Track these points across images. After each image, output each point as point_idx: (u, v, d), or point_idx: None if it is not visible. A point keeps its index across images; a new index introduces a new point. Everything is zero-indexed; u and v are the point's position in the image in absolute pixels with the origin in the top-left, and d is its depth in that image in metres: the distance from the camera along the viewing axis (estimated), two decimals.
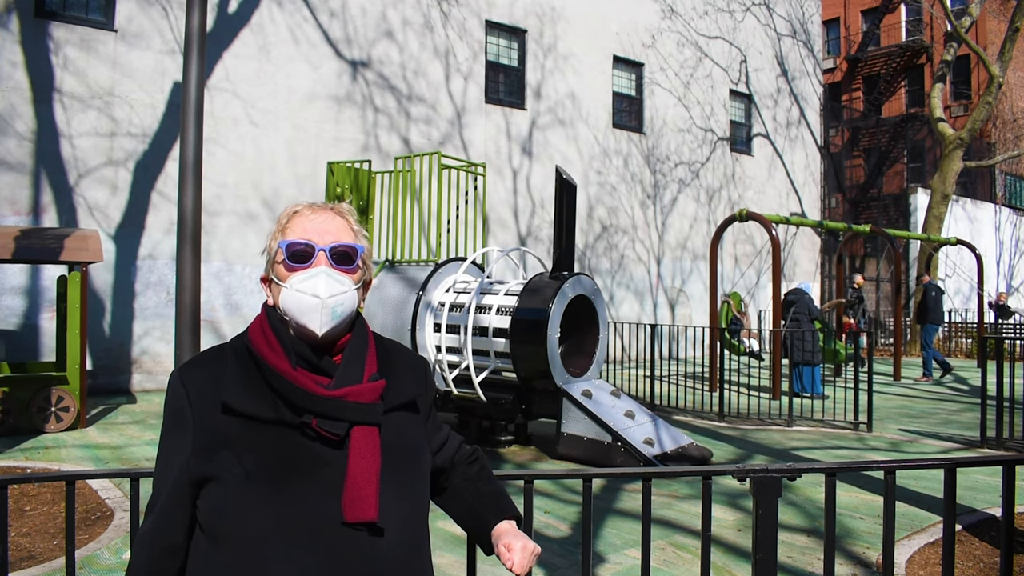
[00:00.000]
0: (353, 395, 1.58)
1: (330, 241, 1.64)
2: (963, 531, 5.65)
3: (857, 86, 36.04)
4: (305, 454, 1.54)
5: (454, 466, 1.94)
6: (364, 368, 1.65)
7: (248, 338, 1.64)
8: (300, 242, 1.62)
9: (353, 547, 1.53)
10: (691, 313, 21.43)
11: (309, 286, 1.59)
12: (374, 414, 1.59)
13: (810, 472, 2.76)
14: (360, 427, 1.57)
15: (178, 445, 1.58)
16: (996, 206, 29.48)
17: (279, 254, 1.64)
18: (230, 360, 1.62)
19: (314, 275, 1.60)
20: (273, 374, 1.56)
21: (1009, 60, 21.90)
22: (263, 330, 1.63)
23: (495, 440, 8.69)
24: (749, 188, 23.73)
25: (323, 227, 1.65)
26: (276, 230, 1.68)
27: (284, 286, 1.61)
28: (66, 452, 8.03)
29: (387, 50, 15.72)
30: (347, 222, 1.70)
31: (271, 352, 1.59)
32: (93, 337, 11.88)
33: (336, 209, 1.71)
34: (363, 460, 1.55)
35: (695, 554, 5.12)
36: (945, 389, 14.43)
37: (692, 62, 22.02)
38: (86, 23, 12.28)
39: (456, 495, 1.93)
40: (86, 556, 4.94)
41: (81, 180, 12.16)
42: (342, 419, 1.55)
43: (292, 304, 1.60)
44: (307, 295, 1.59)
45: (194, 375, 1.62)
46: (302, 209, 1.69)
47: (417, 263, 9.67)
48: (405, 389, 1.73)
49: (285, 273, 1.63)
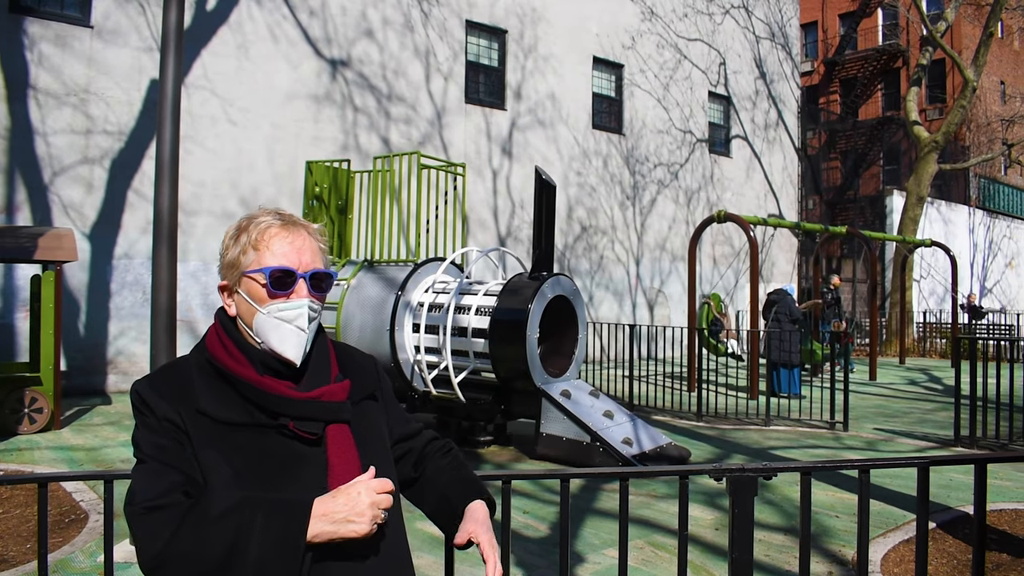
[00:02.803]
0: (327, 395, 1.64)
1: (309, 268, 1.67)
2: (937, 529, 5.70)
3: (834, 89, 36.32)
4: (286, 453, 1.58)
5: (426, 458, 1.97)
6: (330, 371, 1.72)
7: (208, 352, 1.65)
8: (282, 268, 1.63)
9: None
10: (670, 314, 21.51)
11: (291, 315, 1.63)
12: (345, 412, 1.66)
13: (786, 471, 2.78)
14: (333, 425, 1.64)
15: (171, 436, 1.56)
16: (970, 208, 29.81)
17: (259, 277, 1.63)
18: (195, 374, 1.63)
19: (298, 307, 1.63)
20: (243, 384, 1.59)
21: (983, 65, 22.16)
22: (223, 342, 1.65)
23: (474, 440, 8.68)
24: (727, 189, 23.86)
25: (300, 250, 1.67)
26: (246, 242, 1.66)
27: (261, 310, 1.63)
28: (40, 454, 7.95)
29: (367, 49, 15.67)
30: (317, 243, 1.73)
31: (236, 363, 1.62)
32: (67, 337, 11.75)
33: (307, 228, 1.73)
34: (342, 455, 1.62)
35: (673, 553, 5.14)
36: (920, 389, 14.57)
37: (672, 64, 22.11)
38: (62, 19, 12.15)
39: (427, 484, 1.95)
40: (60, 559, 4.89)
41: (56, 178, 12.03)
42: (318, 419, 1.61)
43: (271, 331, 1.63)
44: (290, 325, 1.62)
45: (161, 384, 1.62)
46: (275, 227, 1.67)
47: (396, 263, 9.64)
48: (364, 385, 1.80)
49: (266, 298, 1.63)
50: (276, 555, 1.43)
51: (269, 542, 1.44)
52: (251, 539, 1.43)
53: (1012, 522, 5.88)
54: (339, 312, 9.18)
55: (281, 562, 1.43)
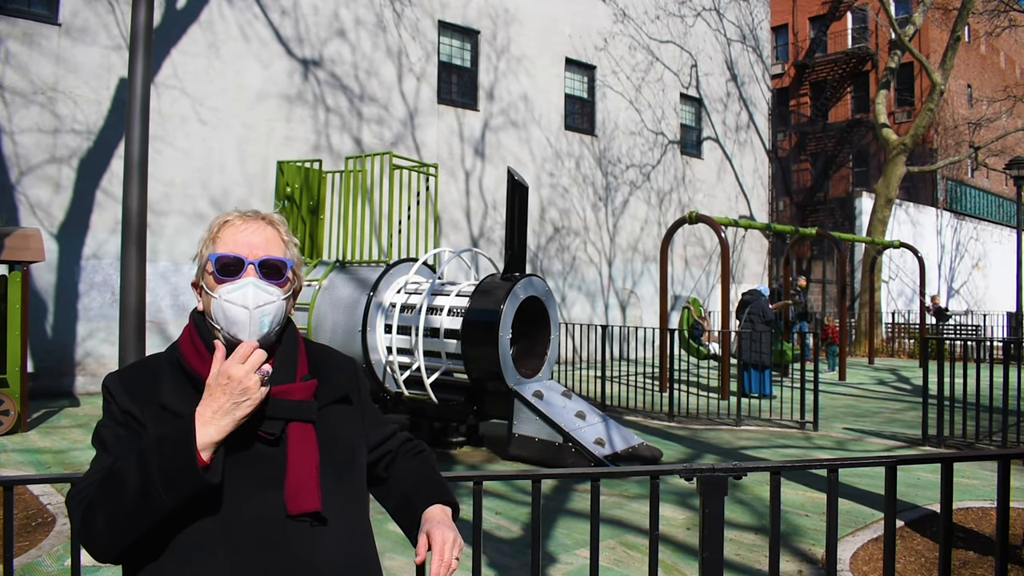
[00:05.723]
0: (286, 393, 1.62)
1: (260, 255, 1.66)
2: (905, 527, 5.77)
3: (804, 92, 36.67)
4: (244, 452, 1.57)
5: (396, 458, 1.96)
6: (296, 369, 1.70)
7: (179, 350, 1.68)
8: (229, 255, 1.65)
9: (298, 539, 1.57)
10: (642, 314, 21.61)
11: (238, 296, 1.62)
12: (308, 411, 1.64)
13: (755, 471, 2.80)
14: (296, 424, 1.62)
15: (129, 427, 1.60)
16: (938, 210, 30.21)
17: (208, 265, 1.65)
18: (164, 371, 1.66)
19: (242, 286, 1.62)
20: (202, 382, 1.58)
21: (950, 68, 22.49)
22: (192, 340, 1.67)
23: (447, 441, 8.67)
24: (699, 191, 24.01)
25: (253, 239, 1.68)
26: (207, 237, 1.70)
27: (213, 296, 1.64)
28: (6, 457, 7.83)
29: (339, 49, 15.61)
30: (278, 232, 1.73)
31: (201, 362, 1.62)
32: (35, 339, 11.59)
33: (267, 219, 1.73)
34: (301, 454, 1.60)
35: (645, 553, 5.16)
36: (889, 389, 14.74)
37: (644, 66, 22.21)
38: (29, 16, 11.98)
39: (393, 484, 1.94)
40: (27, 563, 4.82)
41: (23, 177, 11.87)
42: (277, 417, 1.60)
43: (221, 314, 1.63)
44: (236, 305, 1.61)
45: (128, 378, 1.67)
46: (233, 219, 1.71)
47: (368, 263, 9.61)
48: (336, 386, 1.78)
49: (214, 284, 1.65)
50: (175, 464, 1.45)
51: (165, 458, 1.46)
52: (150, 463, 1.45)
53: (978, 520, 5.96)
54: (311, 313, 9.14)
55: (183, 471, 1.45)
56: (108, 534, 1.48)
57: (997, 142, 30.00)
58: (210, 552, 1.51)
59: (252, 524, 1.54)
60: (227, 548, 1.52)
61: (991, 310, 28.11)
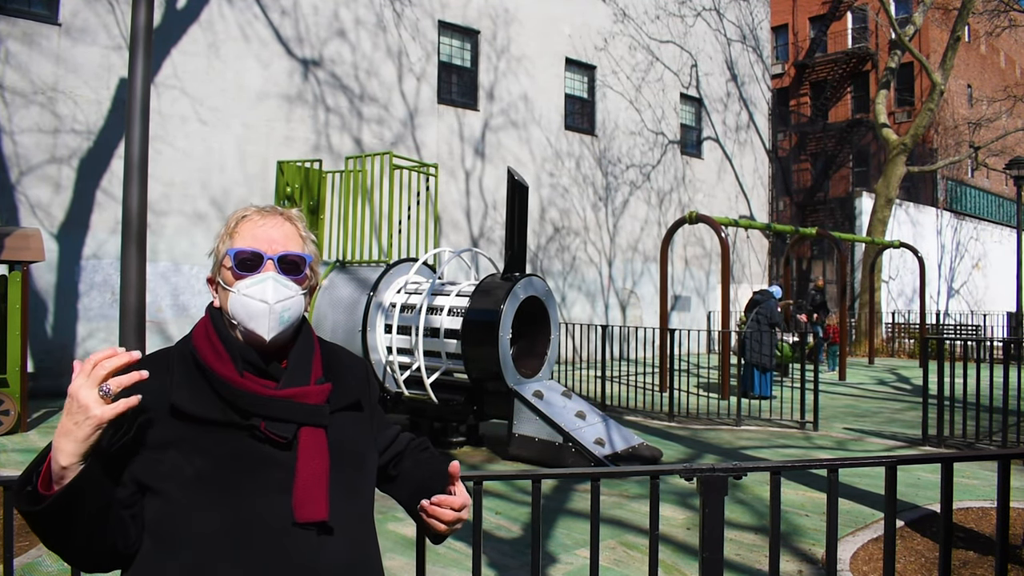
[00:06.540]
0: (301, 396, 1.60)
1: (279, 250, 1.65)
2: (905, 527, 5.77)
3: (804, 92, 36.67)
4: (254, 456, 1.54)
5: (404, 455, 1.95)
6: (311, 371, 1.67)
7: (193, 344, 1.64)
8: (248, 250, 1.63)
9: (303, 547, 1.54)
10: (642, 314, 21.61)
11: (257, 291, 1.60)
12: (321, 416, 1.61)
13: (755, 471, 2.80)
14: (308, 428, 1.59)
15: None
16: (938, 210, 30.20)
17: (227, 260, 1.64)
18: (176, 365, 1.61)
19: (262, 280, 1.61)
20: (219, 381, 1.56)
21: (951, 68, 22.50)
22: (208, 335, 1.64)
23: (447, 441, 8.66)
24: (699, 191, 24.01)
25: (272, 234, 1.66)
26: (224, 233, 1.68)
27: (232, 290, 1.62)
28: (5, 457, 7.83)
29: (339, 49, 15.61)
30: (296, 228, 1.71)
31: (217, 359, 1.59)
32: (35, 339, 11.59)
33: (286, 214, 1.72)
34: (312, 461, 1.57)
35: (645, 553, 5.16)
36: (889, 389, 14.74)
37: (644, 66, 22.21)
38: (29, 16, 11.98)
39: (407, 475, 1.92)
40: (27, 563, 4.82)
41: (23, 178, 11.87)
42: (290, 421, 1.57)
43: (240, 309, 1.60)
44: (255, 300, 1.59)
45: None
46: (251, 214, 1.69)
47: (368, 263, 9.61)
48: (349, 391, 1.74)
49: (232, 279, 1.63)
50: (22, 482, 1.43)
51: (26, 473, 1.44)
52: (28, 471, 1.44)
53: (978, 520, 5.96)
54: (311, 312, 9.13)
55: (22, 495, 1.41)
56: (55, 546, 1.47)
57: (997, 142, 30.01)
58: (214, 556, 1.49)
59: (257, 529, 1.51)
60: (231, 552, 1.50)
61: (991, 310, 28.11)
